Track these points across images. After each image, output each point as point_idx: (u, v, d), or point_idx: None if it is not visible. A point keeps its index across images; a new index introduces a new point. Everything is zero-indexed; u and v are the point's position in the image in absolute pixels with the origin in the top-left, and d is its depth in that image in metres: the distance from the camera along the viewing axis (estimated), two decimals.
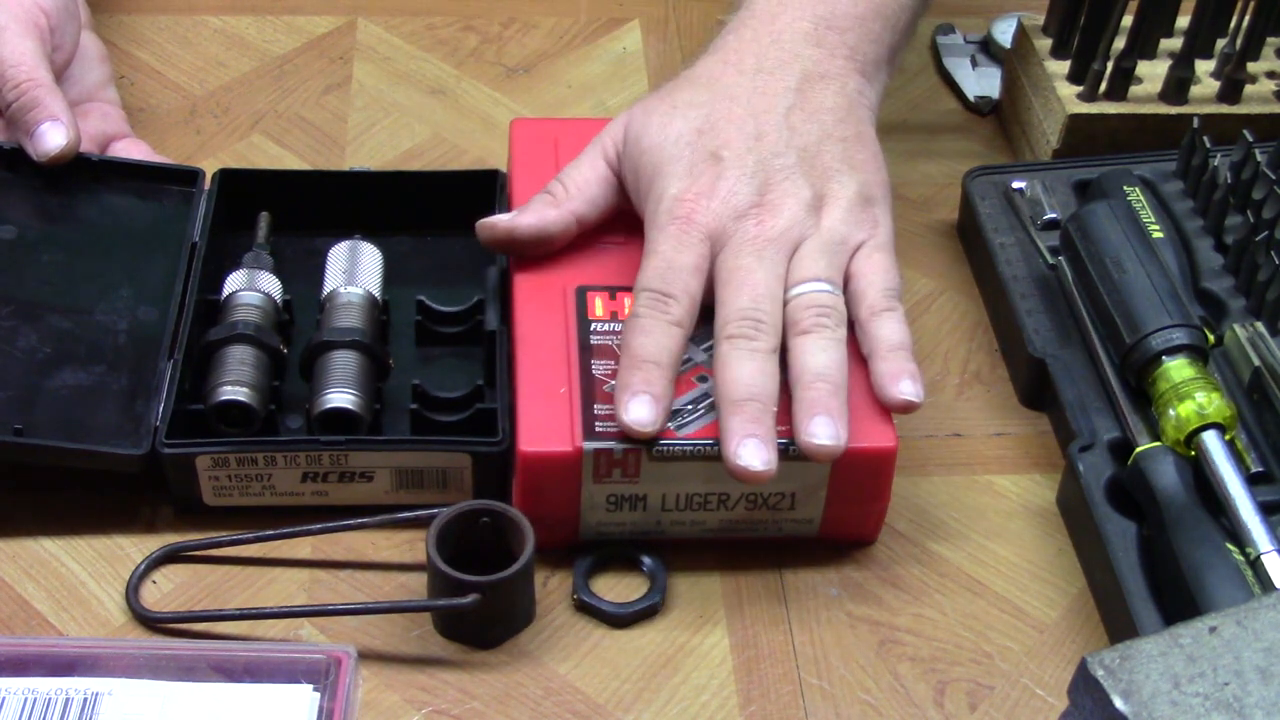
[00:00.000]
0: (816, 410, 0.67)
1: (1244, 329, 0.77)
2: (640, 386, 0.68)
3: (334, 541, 0.72)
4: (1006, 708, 0.68)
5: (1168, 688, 0.55)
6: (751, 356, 0.68)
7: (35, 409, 0.72)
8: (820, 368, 0.69)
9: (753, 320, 0.69)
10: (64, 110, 0.80)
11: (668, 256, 0.71)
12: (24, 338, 0.75)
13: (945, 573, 0.73)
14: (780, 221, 0.72)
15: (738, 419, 0.67)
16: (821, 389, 0.68)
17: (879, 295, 0.72)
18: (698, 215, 0.72)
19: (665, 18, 1.04)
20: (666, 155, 0.74)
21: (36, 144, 0.80)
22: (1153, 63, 0.91)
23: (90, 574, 0.71)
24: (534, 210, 0.76)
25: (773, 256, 0.72)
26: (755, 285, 0.70)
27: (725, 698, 0.68)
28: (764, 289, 0.70)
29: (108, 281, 0.78)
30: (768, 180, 0.73)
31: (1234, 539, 0.68)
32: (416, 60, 1.00)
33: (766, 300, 0.70)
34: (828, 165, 0.75)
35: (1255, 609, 0.58)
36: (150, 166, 0.83)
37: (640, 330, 0.70)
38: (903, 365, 0.70)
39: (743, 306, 0.70)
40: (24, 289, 0.77)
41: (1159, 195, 0.85)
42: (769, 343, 0.69)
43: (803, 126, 0.75)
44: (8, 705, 0.62)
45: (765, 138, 0.74)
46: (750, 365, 0.68)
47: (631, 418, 0.67)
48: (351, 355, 0.74)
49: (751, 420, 0.67)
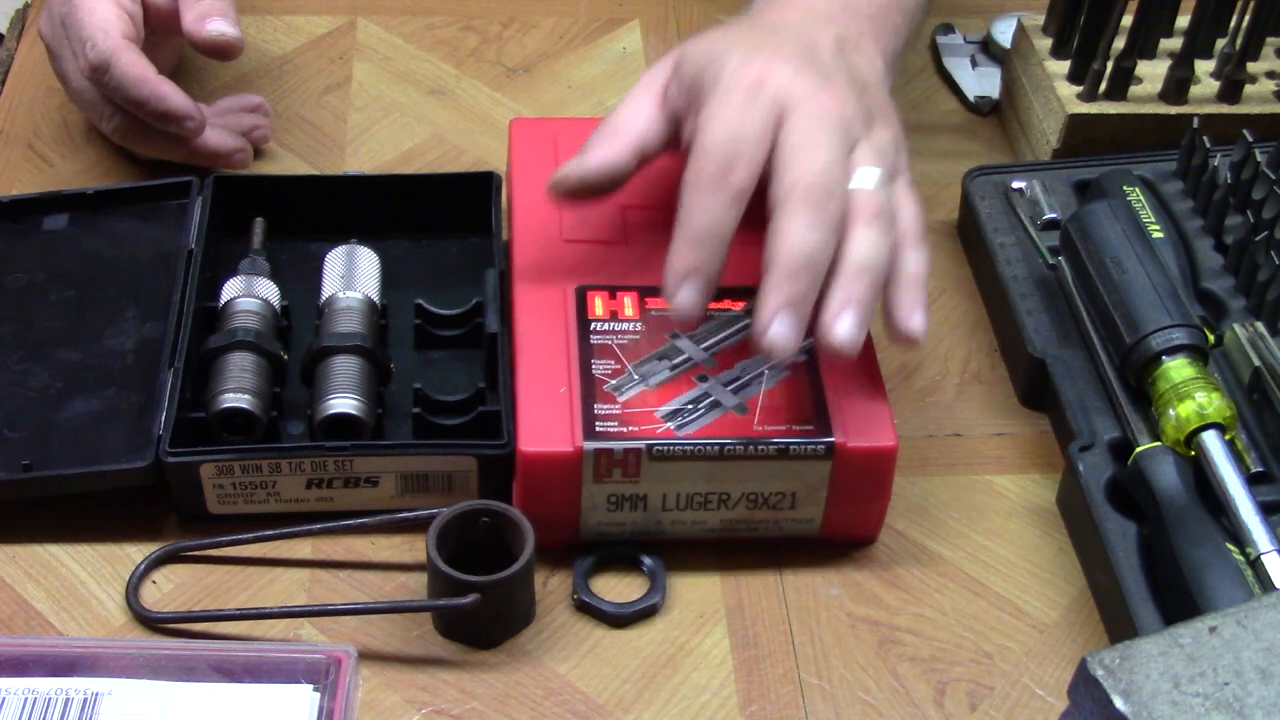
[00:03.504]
0: (851, 307, 0.66)
1: (1244, 329, 0.77)
2: (693, 266, 0.66)
3: (334, 542, 0.72)
4: (1006, 708, 0.68)
5: (1168, 688, 0.56)
6: (816, 228, 0.65)
7: (49, 443, 0.72)
8: (871, 261, 0.66)
9: (825, 190, 0.66)
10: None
11: (734, 121, 0.67)
12: (35, 377, 0.75)
13: (945, 573, 0.73)
14: (847, 108, 0.69)
15: (785, 291, 0.65)
16: (865, 286, 0.66)
17: (913, 225, 0.70)
18: (769, 78, 0.68)
19: (665, 18, 1.04)
20: (722, 52, 0.70)
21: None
22: (1153, 63, 0.91)
23: (90, 574, 0.71)
24: (596, 151, 0.73)
25: (841, 137, 0.68)
26: (829, 155, 0.67)
27: (725, 698, 0.68)
28: (838, 163, 0.67)
29: (114, 306, 0.79)
30: (827, 78, 0.70)
31: (1234, 539, 0.68)
32: (416, 60, 1.00)
33: (840, 173, 0.67)
34: (874, 100, 0.72)
35: (1255, 609, 0.58)
36: (144, 187, 0.84)
37: (698, 203, 0.66)
38: (920, 298, 0.69)
39: (817, 172, 0.66)
40: (34, 331, 0.78)
41: (1159, 195, 0.85)
42: (835, 218, 0.66)
43: (849, 62, 0.73)
44: (8, 705, 0.62)
45: (819, 55, 0.71)
46: (815, 237, 0.65)
47: (679, 301, 0.66)
48: (353, 360, 0.74)
49: (799, 296, 0.65)
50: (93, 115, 0.86)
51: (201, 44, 0.83)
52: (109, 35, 0.81)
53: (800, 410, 0.70)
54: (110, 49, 0.81)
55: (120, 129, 0.85)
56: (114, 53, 0.81)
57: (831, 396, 0.70)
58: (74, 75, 0.85)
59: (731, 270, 0.77)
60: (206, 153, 0.86)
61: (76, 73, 0.84)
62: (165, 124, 0.83)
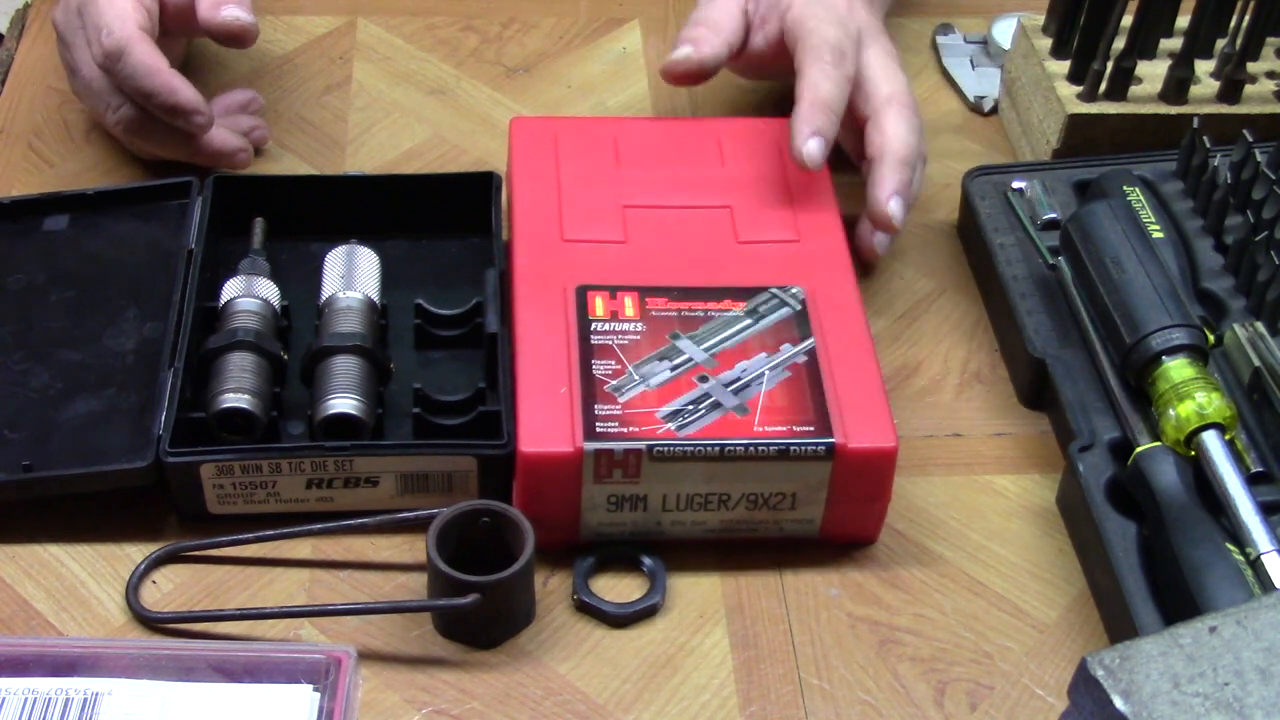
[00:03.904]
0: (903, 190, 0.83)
1: (1244, 329, 0.77)
2: (819, 126, 0.80)
3: (334, 542, 0.72)
4: (1006, 708, 0.68)
5: (1168, 688, 0.56)
6: (917, 131, 0.84)
7: (49, 443, 0.72)
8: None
9: (913, 102, 0.85)
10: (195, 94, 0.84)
11: (838, 28, 0.84)
12: (36, 378, 0.75)
13: (945, 573, 0.73)
14: (892, 46, 0.88)
15: (899, 178, 0.82)
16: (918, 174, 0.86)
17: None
18: (851, 11, 0.86)
19: (665, 18, 1.04)
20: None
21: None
22: (1153, 63, 0.91)
23: (90, 574, 0.71)
24: (706, 44, 0.87)
25: (899, 64, 0.87)
26: (905, 79, 0.86)
27: (725, 698, 0.68)
28: (909, 84, 0.86)
29: (114, 306, 0.79)
30: (874, 13, 0.89)
31: (1234, 539, 0.68)
32: (416, 60, 1.00)
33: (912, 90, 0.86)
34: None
35: (1255, 609, 0.58)
36: (144, 187, 0.84)
37: (823, 77, 0.82)
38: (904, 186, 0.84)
39: (902, 90, 0.85)
40: (35, 332, 0.78)
41: (1159, 195, 0.85)
42: (919, 120, 0.85)
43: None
44: (8, 705, 0.62)
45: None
46: (916, 138, 0.84)
47: (808, 151, 0.80)
48: (353, 360, 0.74)
49: (905, 183, 0.82)
50: (99, 107, 0.86)
51: (216, 29, 0.84)
52: (126, 24, 0.82)
53: (800, 411, 0.70)
54: (126, 37, 0.81)
55: (125, 121, 0.85)
56: (129, 41, 0.81)
57: (831, 397, 0.70)
58: (84, 64, 0.85)
59: (732, 270, 0.77)
60: (210, 152, 0.87)
61: (88, 61, 0.85)
62: (174, 117, 0.83)
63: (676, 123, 0.93)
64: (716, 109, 0.97)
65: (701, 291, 0.75)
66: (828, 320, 0.74)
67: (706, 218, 0.80)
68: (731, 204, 0.81)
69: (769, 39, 0.88)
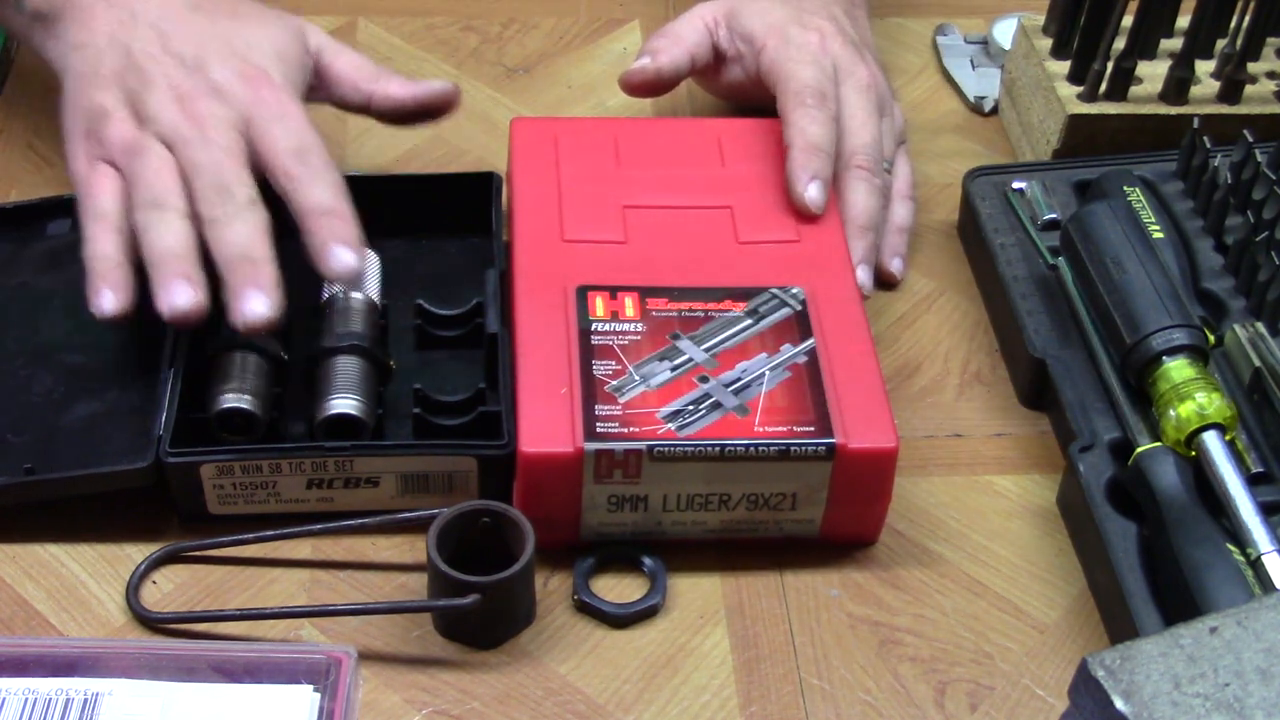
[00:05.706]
0: (898, 255, 0.87)
1: (1244, 329, 0.77)
2: (816, 170, 0.80)
3: (334, 542, 0.72)
4: (1007, 708, 0.68)
5: (1168, 688, 0.56)
6: (876, 192, 0.84)
7: (52, 446, 0.72)
8: (903, 222, 0.87)
9: (876, 158, 0.84)
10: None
11: (815, 68, 0.85)
12: (39, 382, 0.75)
13: (945, 573, 0.73)
14: (877, 81, 0.88)
15: (862, 245, 0.82)
16: (902, 241, 0.87)
17: (906, 183, 0.89)
18: (826, 44, 0.86)
19: (665, 18, 1.04)
20: (779, 21, 0.88)
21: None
22: (1153, 63, 0.91)
23: (90, 574, 0.71)
24: (664, 54, 0.89)
25: (877, 107, 0.86)
26: (874, 128, 0.85)
27: (725, 698, 0.68)
28: (877, 133, 0.85)
29: None
30: (858, 49, 0.88)
31: (1234, 539, 0.68)
32: (416, 60, 1.00)
33: (880, 141, 0.85)
34: (874, 57, 0.91)
35: (1256, 609, 0.58)
36: None
37: (810, 120, 0.82)
38: (902, 246, 0.87)
39: (868, 143, 0.84)
40: (38, 336, 0.78)
41: (1159, 195, 0.85)
42: (883, 183, 0.85)
43: (855, 23, 0.91)
44: (8, 705, 0.62)
45: (842, 24, 0.89)
46: (875, 201, 0.83)
47: (810, 196, 0.80)
48: (353, 361, 0.74)
49: (870, 248, 0.83)
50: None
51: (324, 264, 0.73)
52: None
53: (801, 411, 0.70)
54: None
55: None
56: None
57: (832, 397, 0.70)
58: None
59: (732, 270, 0.77)
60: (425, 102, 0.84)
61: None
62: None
63: (676, 123, 0.93)
64: (717, 109, 0.97)
65: (702, 292, 0.75)
66: (828, 320, 0.74)
67: (707, 218, 0.80)
68: (732, 204, 0.81)
69: (748, 73, 0.89)
